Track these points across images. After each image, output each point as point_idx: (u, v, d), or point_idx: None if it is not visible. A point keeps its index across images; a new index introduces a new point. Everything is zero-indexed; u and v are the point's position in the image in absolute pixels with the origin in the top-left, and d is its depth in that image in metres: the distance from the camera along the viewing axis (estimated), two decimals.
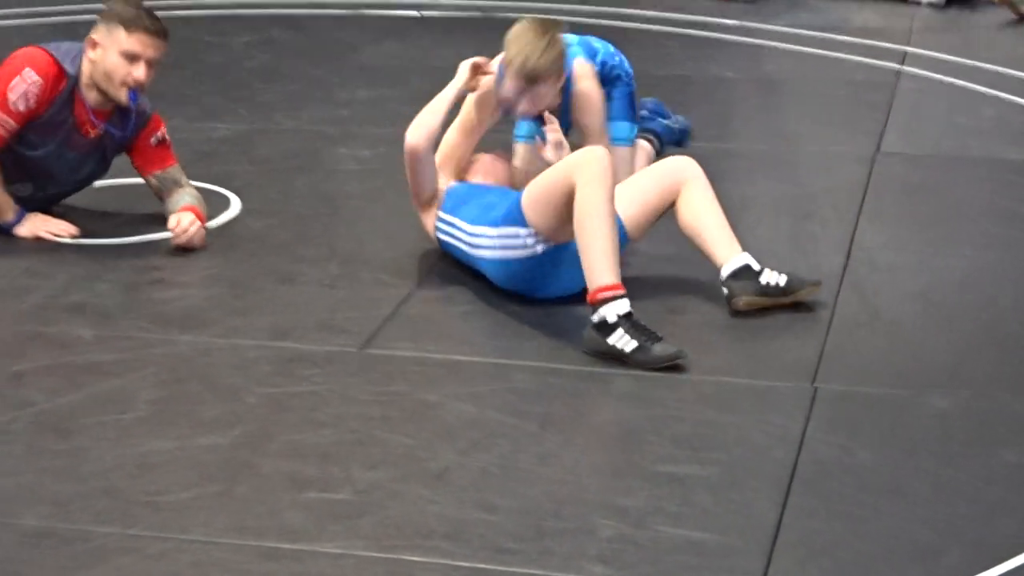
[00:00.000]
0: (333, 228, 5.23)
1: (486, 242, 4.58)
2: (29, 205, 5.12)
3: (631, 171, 5.06)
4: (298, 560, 3.28)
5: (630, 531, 3.39)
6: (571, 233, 4.33)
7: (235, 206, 5.39)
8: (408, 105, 5.38)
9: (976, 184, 5.73)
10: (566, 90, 5.06)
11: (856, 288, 4.73)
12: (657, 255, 4.96)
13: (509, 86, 4.88)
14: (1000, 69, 7.17)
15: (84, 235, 5.08)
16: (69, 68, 4.94)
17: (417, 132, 4.78)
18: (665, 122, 5.72)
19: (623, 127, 5.28)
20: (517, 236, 4.51)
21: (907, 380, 4.16)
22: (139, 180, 5.24)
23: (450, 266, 4.82)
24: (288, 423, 3.91)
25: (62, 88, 4.94)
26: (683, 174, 4.66)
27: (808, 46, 7.69)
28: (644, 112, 5.70)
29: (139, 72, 4.89)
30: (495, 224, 4.56)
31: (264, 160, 5.97)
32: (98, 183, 5.34)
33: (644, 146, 5.49)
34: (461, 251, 4.71)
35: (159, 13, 4.97)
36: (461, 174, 5.03)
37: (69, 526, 3.41)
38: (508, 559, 3.29)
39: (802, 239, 5.16)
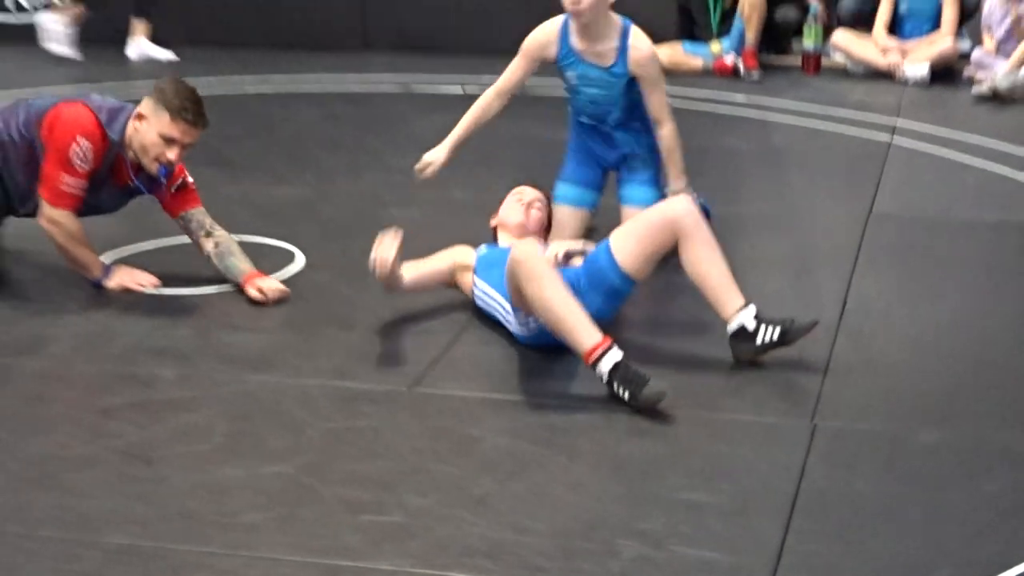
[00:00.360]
0: None
1: (512, 320, 4.52)
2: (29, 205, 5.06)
3: None
4: None
5: (650, 551, 3.36)
6: None
7: (299, 261, 5.40)
8: (453, 171, 5.41)
9: (959, 242, 5.69)
10: (623, 39, 5.10)
11: (851, 335, 4.70)
12: (667, 300, 4.94)
13: None
14: (979, 140, 7.14)
15: (165, 286, 5.09)
16: (112, 134, 4.90)
17: (386, 287, 4.70)
18: None
19: (647, 193, 5.30)
20: (519, 316, 4.47)
21: (899, 417, 4.13)
22: None
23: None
24: (346, 454, 3.90)
25: (106, 150, 4.92)
26: (678, 220, 4.44)
27: (810, 119, 7.68)
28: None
29: (172, 154, 4.87)
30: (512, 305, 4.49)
31: (326, 220, 5.98)
32: (175, 241, 5.35)
33: None
34: (497, 320, 4.66)
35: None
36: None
37: (150, 544, 3.41)
38: None
39: (803, 290, 5.14)
